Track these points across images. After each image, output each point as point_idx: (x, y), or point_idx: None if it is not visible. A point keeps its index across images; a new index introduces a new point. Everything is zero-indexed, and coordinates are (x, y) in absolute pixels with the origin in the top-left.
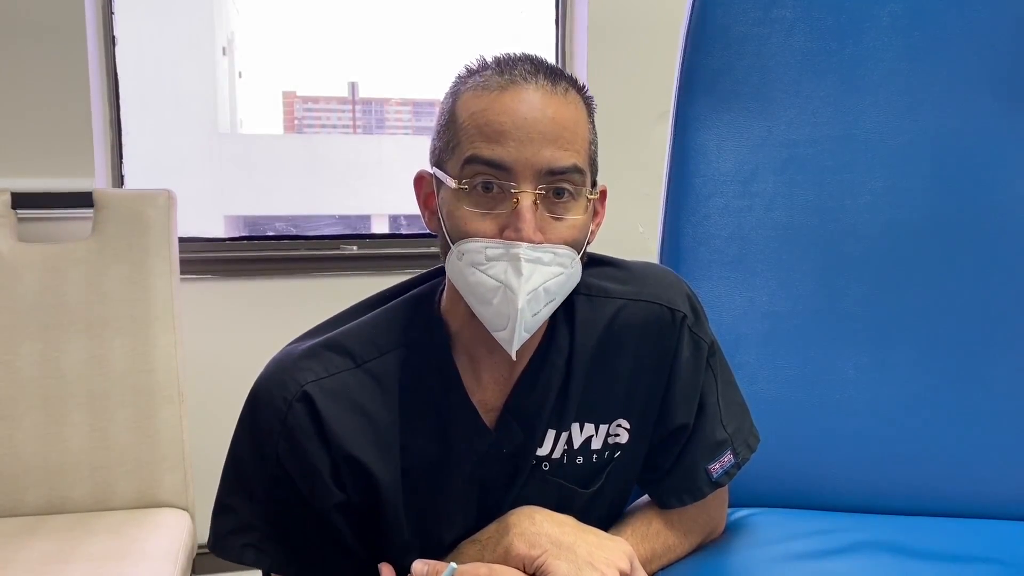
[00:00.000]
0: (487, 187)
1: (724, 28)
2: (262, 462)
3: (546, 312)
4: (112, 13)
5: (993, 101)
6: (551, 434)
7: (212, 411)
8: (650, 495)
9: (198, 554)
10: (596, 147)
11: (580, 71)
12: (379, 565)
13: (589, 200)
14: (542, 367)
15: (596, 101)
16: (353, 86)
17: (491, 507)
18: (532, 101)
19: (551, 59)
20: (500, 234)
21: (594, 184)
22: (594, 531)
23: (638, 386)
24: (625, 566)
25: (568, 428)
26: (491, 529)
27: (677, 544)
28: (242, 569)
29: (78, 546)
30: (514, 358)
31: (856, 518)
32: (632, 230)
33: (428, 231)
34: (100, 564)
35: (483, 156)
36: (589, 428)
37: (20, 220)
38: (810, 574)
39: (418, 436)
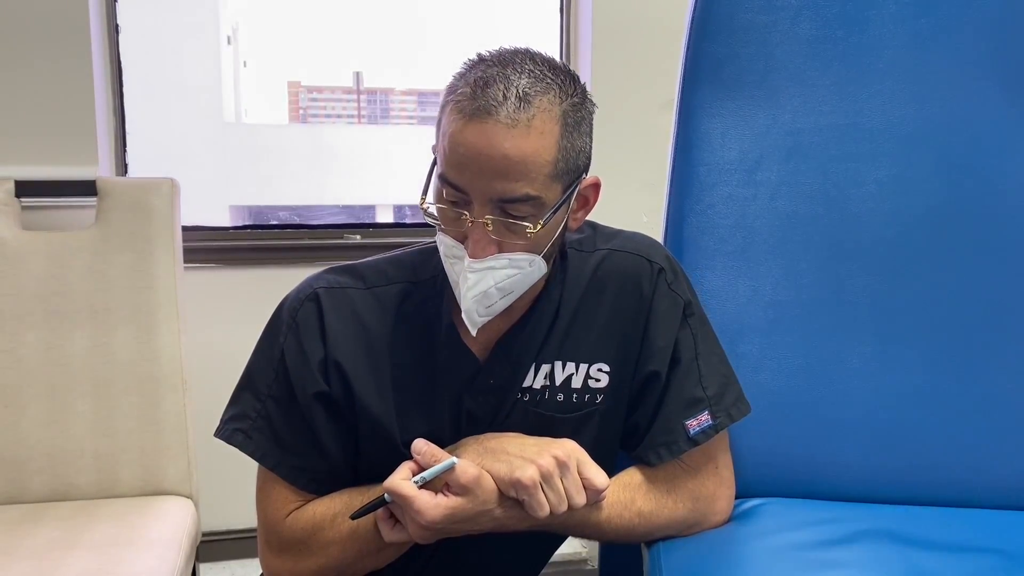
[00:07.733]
0: (454, 202)
1: (729, 16)
2: (270, 359)
3: (503, 303)
4: (115, 1)
5: (1000, 90)
6: (534, 368)
7: (215, 399)
8: (635, 459)
9: (202, 542)
10: (574, 154)
11: (584, 60)
12: (414, 441)
13: (549, 211)
14: (533, 314)
15: (600, 90)
16: (358, 76)
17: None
18: (491, 136)
19: (555, 49)
20: (464, 239)
21: (575, 182)
22: (546, 439)
23: (617, 329)
24: (559, 453)
25: (551, 363)
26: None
27: (660, 500)
28: (245, 556)
29: (82, 533)
30: (474, 335)
31: (859, 508)
32: (636, 219)
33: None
34: (104, 551)
35: (449, 178)
36: (570, 367)
37: (24, 208)
38: (813, 563)
39: (408, 355)
